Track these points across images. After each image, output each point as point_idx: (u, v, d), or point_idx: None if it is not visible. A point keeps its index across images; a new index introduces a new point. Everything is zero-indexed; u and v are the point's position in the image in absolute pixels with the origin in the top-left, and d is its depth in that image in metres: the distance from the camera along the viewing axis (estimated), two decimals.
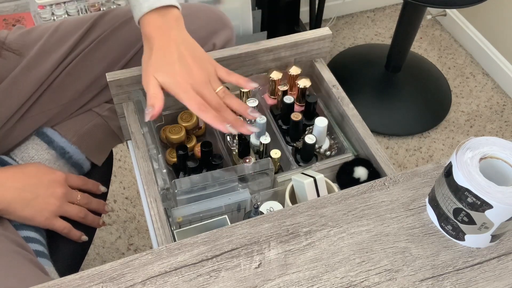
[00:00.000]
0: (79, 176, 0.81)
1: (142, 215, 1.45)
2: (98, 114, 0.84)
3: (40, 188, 0.73)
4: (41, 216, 0.73)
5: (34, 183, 0.73)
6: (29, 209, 0.72)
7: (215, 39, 0.86)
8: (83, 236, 0.79)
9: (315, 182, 0.66)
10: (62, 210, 0.75)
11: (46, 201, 0.73)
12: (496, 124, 1.73)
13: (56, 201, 0.74)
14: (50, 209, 0.74)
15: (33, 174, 0.74)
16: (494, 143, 0.52)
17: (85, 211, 0.79)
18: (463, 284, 0.49)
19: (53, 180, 0.75)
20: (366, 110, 1.69)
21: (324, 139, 0.77)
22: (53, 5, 1.39)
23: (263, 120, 0.74)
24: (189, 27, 0.83)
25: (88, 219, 0.79)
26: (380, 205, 0.55)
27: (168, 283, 0.48)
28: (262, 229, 0.53)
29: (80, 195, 0.79)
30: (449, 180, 0.50)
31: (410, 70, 1.82)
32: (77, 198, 0.78)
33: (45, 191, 0.73)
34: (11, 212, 0.71)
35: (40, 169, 0.75)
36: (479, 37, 1.90)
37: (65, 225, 0.76)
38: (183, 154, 0.72)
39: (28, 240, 0.71)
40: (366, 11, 2.14)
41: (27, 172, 0.74)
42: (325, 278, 0.49)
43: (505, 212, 0.48)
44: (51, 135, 0.81)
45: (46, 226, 0.74)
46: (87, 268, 0.50)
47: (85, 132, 0.83)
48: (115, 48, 0.82)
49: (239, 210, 0.71)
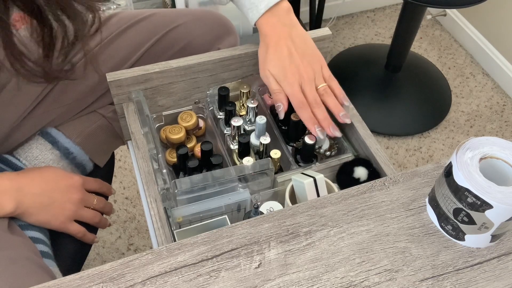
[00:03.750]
0: (96, 180, 0.82)
1: (142, 215, 1.45)
2: (103, 116, 0.85)
3: (57, 193, 0.73)
4: (56, 221, 0.74)
5: (51, 188, 0.73)
6: (45, 214, 0.72)
7: (220, 44, 0.86)
8: (96, 239, 0.81)
9: (315, 182, 0.66)
10: (77, 214, 0.76)
11: (62, 206, 0.74)
12: (496, 124, 1.73)
13: (72, 206, 0.75)
14: (65, 214, 0.74)
15: (51, 179, 0.74)
16: (494, 143, 0.52)
17: (100, 215, 0.80)
18: (463, 284, 0.49)
19: (70, 185, 0.76)
20: (366, 110, 1.69)
21: (324, 139, 0.77)
22: None
23: (263, 120, 0.74)
24: (194, 31, 0.83)
25: (101, 222, 0.81)
26: (380, 205, 0.55)
27: (168, 283, 0.48)
28: (262, 229, 0.53)
29: (97, 199, 0.80)
30: (449, 180, 0.50)
31: (410, 70, 1.82)
32: (94, 202, 0.79)
33: (61, 197, 0.74)
34: (27, 216, 0.71)
35: (58, 174, 0.76)
36: (479, 37, 1.90)
37: (79, 229, 0.77)
38: (183, 154, 0.72)
39: (33, 240, 0.72)
40: (366, 11, 2.14)
41: (45, 177, 0.74)
42: (325, 278, 0.49)
43: (505, 212, 0.48)
44: (55, 135, 0.81)
45: (61, 230, 0.75)
46: (87, 268, 0.50)
47: (89, 133, 0.84)
48: (120, 50, 0.82)
49: (239, 210, 0.71)
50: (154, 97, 0.79)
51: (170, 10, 0.88)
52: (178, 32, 0.84)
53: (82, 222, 0.78)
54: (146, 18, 0.84)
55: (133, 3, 1.67)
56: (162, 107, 0.81)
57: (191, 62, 0.77)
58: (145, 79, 0.75)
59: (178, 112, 0.80)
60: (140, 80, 0.75)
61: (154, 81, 0.76)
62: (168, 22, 0.84)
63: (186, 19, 0.85)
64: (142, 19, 0.84)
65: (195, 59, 0.77)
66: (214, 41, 0.86)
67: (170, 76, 0.77)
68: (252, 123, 0.78)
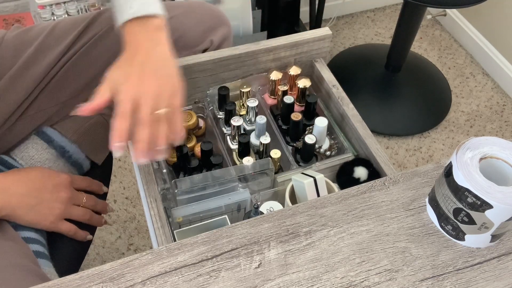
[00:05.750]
0: (85, 178, 0.82)
1: (142, 215, 1.45)
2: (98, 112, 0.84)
3: (44, 193, 0.73)
4: (45, 220, 0.73)
5: (38, 188, 0.73)
6: (34, 214, 0.72)
7: (213, 35, 0.86)
8: (89, 236, 0.80)
9: (315, 182, 0.66)
10: (67, 213, 0.75)
11: (51, 206, 0.73)
12: (496, 124, 1.73)
13: (60, 205, 0.74)
14: (54, 213, 0.74)
15: (37, 179, 0.74)
16: (494, 143, 0.52)
17: (90, 213, 0.79)
18: (463, 284, 0.49)
19: (58, 184, 0.75)
20: (366, 110, 1.69)
21: (324, 139, 0.77)
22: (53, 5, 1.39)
23: (263, 120, 0.74)
24: (186, 23, 0.81)
25: (93, 220, 0.80)
26: (380, 205, 0.55)
27: (168, 283, 0.48)
28: (262, 229, 0.53)
29: (86, 197, 0.79)
30: (449, 180, 0.50)
31: (410, 70, 1.82)
32: (83, 200, 0.78)
33: (49, 196, 0.73)
34: (16, 217, 0.71)
35: (45, 174, 0.75)
36: (479, 37, 1.90)
37: (70, 228, 0.76)
38: (183, 154, 0.72)
39: (28, 240, 0.71)
40: (366, 11, 2.14)
41: (31, 177, 0.74)
42: (325, 278, 0.49)
43: (505, 212, 0.48)
44: (50, 134, 0.81)
45: (51, 230, 0.75)
46: (87, 268, 0.50)
47: (85, 131, 0.83)
48: (112, 46, 0.82)
49: (239, 210, 0.71)
50: None
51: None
52: (170, 25, 0.83)
53: (74, 221, 0.77)
54: None
55: None
56: None
57: (191, 62, 0.77)
58: None
59: None
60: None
61: None
62: None
63: (177, 11, 0.84)
64: None
65: (195, 58, 0.77)
66: (207, 33, 0.85)
67: None
68: (252, 123, 0.78)
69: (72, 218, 0.77)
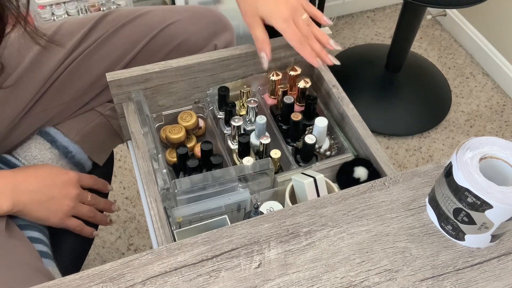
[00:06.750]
0: (91, 176, 0.82)
1: (142, 215, 1.45)
2: (101, 114, 0.85)
3: (54, 189, 0.74)
4: (55, 217, 0.74)
5: (48, 184, 0.73)
6: (44, 210, 0.72)
7: (216, 40, 0.86)
8: (95, 232, 0.81)
9: (315, 182, 0.66)
10: (75, 210, 0.76)
11: (60, 202, 0.74)
12: (496, 124, 1.73)
13: (70, 202, 0.75)
14: (64, 210, 0.74)
15: (47, 176, 0.74)
16: (494, 143, 0.52)
17: (95, 210, 0.80)
18: (463, 284, 0.49)
19: (67, 181, 0.76)
20: (366, 110, 1.69)
21: (324, 139, 0.77)
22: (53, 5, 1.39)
23: (263, 120, 0.74)
24: (190, 28, 0.82)
25: (97, 218, 0.80)
26: (380, 205, 0.55)
27: (168, 283, 0.48)
28: (262, 229, 0.53)
29: (91, 195, 0.80)
30: (449, 180, 0.50)
31: (410, 70, 1.82)
32: (88, 198, 0.79)
33: (59, 193, 0.74)
34: (26, 214, 0.71)
35: (54, 171, 0.76)
36: (479, 37, 1.90)
37: (78, 223, 0.77)
38: (183, 154, 0.72)
39: (32, 240, 0.72)
40: (366, 11, 2.14)
41: (41, 174, 0.74)
42: (325, 278, 0.49)
43: (505, 212, 0.48)
44: (54, 134, 0.81)
45: (59, 226, 0.75)
46: (87, 268, 0.50)
47: (88, 132, 0.84)
48: (117, 47, 0.82)
49: (239, 210, 0.71)
50: (154, 97, 0.79)
51: (165, 7, 0.87)
52: (174, 29, 0.84)
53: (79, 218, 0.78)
54: (141, 15, 0.84)
55: (133, 3, 1.67)
56: (162, 107, 0.81)
57: (191, 62, 0.77)
58: (145, 78, 0.75)
59: (178, 112, 0.80)
60: (140, 80, 0.75)
61: (154, 81, 0.76)
62: (163, 19, 0.84)
63: (181, 16, 0.84)
64: (137, 16, 0.84)
65: (195, 58, 0.77)
66: (210, 38, 0.86)
67: (170, 76, 0.77)
68: (252, 123, 0.78)
69: (79, 215, 0.77)
